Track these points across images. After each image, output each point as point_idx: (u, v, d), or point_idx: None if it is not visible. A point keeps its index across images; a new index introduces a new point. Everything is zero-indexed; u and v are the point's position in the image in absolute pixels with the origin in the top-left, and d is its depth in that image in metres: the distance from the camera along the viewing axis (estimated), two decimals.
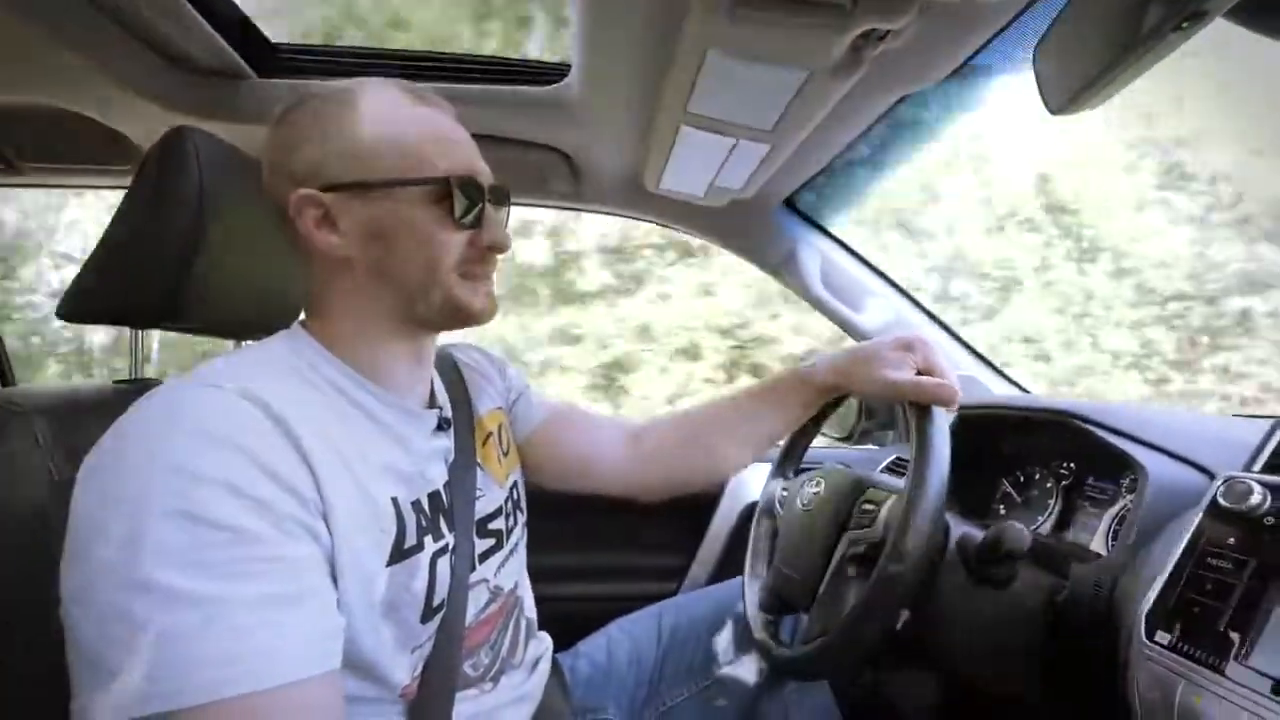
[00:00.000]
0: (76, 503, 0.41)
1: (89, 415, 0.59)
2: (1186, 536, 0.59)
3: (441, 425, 0.61)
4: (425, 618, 0.53)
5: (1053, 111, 0.54)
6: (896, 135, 0.95)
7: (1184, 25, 0.39)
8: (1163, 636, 0.54)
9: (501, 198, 0.59)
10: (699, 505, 1.34)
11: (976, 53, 0.68)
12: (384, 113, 0.53)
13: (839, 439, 1.33)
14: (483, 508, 0.64)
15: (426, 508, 0.55)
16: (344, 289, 0.55)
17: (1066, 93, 0.53)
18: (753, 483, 1.34)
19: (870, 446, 1.42)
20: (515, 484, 0.73)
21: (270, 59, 0.92)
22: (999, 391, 1.22)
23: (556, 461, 0.80)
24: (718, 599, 0.91)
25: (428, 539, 0.54)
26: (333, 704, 0.42)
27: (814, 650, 0.64)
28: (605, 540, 1.33)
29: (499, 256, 0.58)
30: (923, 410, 0.64)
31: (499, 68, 0.94)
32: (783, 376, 0.78)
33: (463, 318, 0.57)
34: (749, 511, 1.32)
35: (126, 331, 0.73)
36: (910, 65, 0.70)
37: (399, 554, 0.50)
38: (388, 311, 0.55)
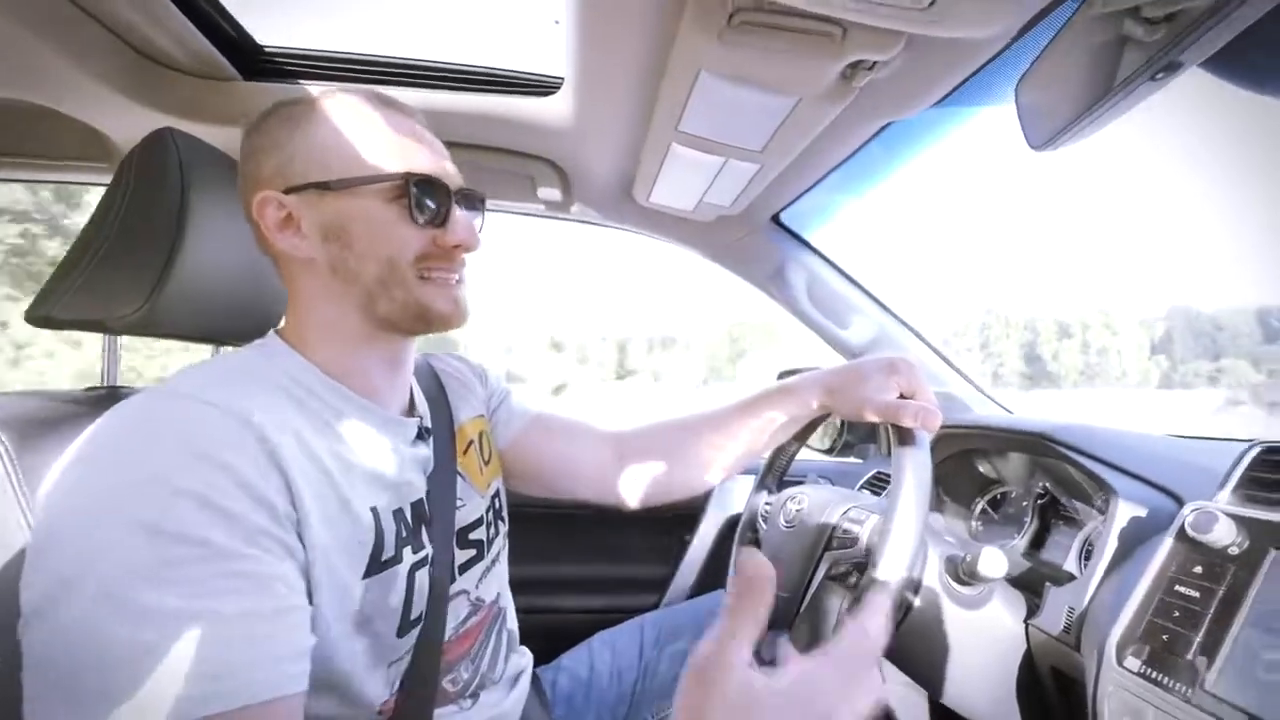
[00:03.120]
0: (42, 512, 0.40)
1: (59, 423, 0.57)
2: (1156, 563, 0.61)
3: (421, 434, 0.61)
4: (402, 631, 0.52)
5: (1034, 148, 0.55)
6: (883, 156, 0.97)
7: (1158, 76, 0.40)
8: (1132, 662, 0.56)
9: (472, 201, 0.59)
10: (681, 517, 1.35)
11: (961, 84, 0.69)
12: (344, 116, 0.54)
13: (821, 451, 1.35)
14: (463, 517, 0.63)
15: (409, 517, 0.55)
16: (311, 292, 0.55)
17: (1047, 130, 0.54)
18: (736, 495, 1.35)
19: (852, 459, 1.44)
20: (497, 493, 0.72)
21: (256, 62, 0.90)
22: (980, 408, 1.24)
23: (538, 468, 0.80)
24: (700, 611, 0.92)
25: (406, 550, 0.53)
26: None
27: None
28: (587, 552, 1.33)
29: (465, 258, 0.58)
30: (905, 432, 0.65)
31: (492, 77, 0.94)
32: (769, 393, 0.78)
33: (428, 320, 0.56)
34: (732, 524, 1.32)
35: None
36: (896, 94, 0.71)
37: (376, 565, 0.50)
38: (355, 314, 0.55)
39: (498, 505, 0.72)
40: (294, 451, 0.45)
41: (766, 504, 0.91)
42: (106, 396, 0.68)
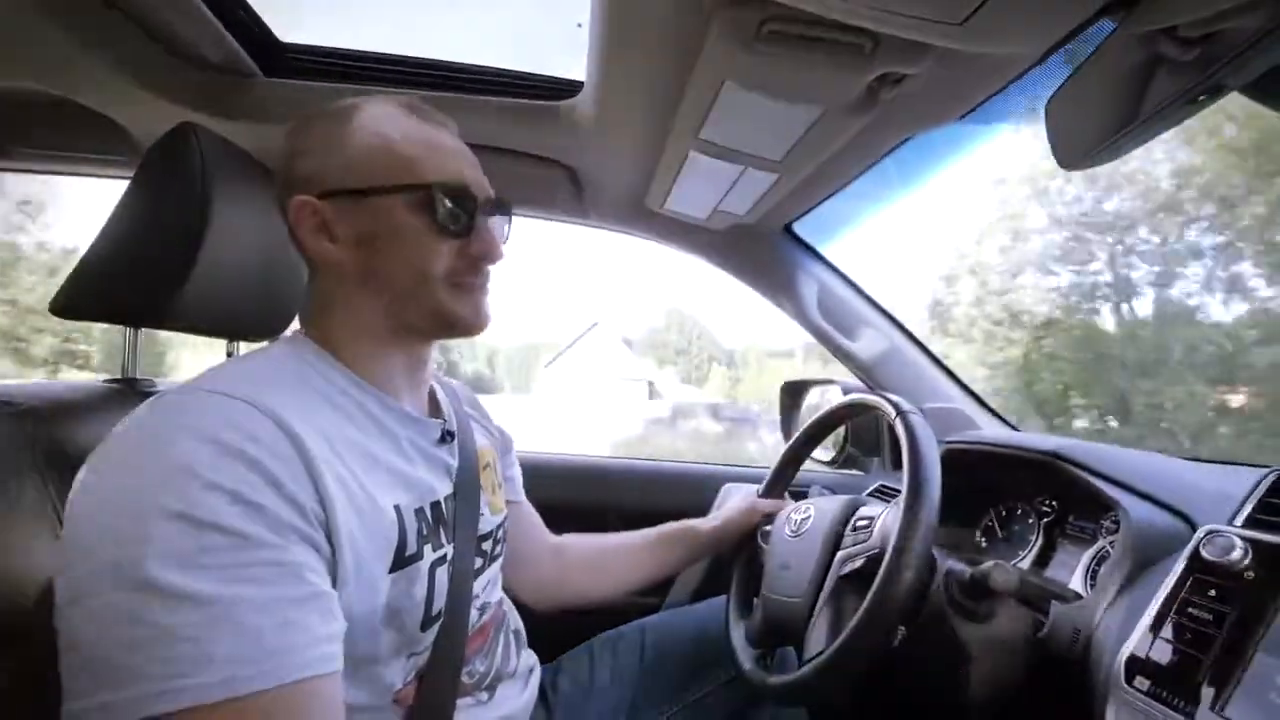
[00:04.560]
0: (76, 503, 0.41)
1: (79, 414, 0.58)
2: (1169, 585, 0.60)
3: (445, 438, 0.62)
4: (425, 625, 0.54)
5: (1064, 166, 0.55)
6: (901, 170, 0.97)
7: (1201, 98, 0.40)
8: (1141, 682, 0.56)
9: (498, 209, 0.61)
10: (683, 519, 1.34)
11: (988, 99, 0.69)
12: (378, 124, 0.55)
13: (824, 464, 1.34)
14: (481, 526, 0.64)
15: (429, 516, 0.56)
16: (341, 295, 0.56)
17: (1078, 149, 0.55)
18: (737, 498, 1.34)
19: (854, 472, 1.44)
20: (504, 521, 0.73)
21: (279, 59, 0.90)
22: (983, 424, 1.24)
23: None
24: (701, 618, 0.92)
25: (426, 548, 0.54)
26: (339, 702, 0.43)
27: (812, 670, 0.64)
28: None
29: (490, 268, 0.60)
30: (909, 428, 0.66)
31: (511, 80, 0.94)
32: (679, 527, 0.94)
33: (451, 326, 0.58)
34: None
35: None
36: (922, 108, 0.72)
37: (400, 561, 0.51)
38: (381, 318, 0.56)
39: (505, 531, 0.74)
40: (324, 450, 0.46)
41: (765, 524, 0.91)
42: (126, 388, 0.68)
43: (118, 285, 0.62)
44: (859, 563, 0.68)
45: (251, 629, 0.38)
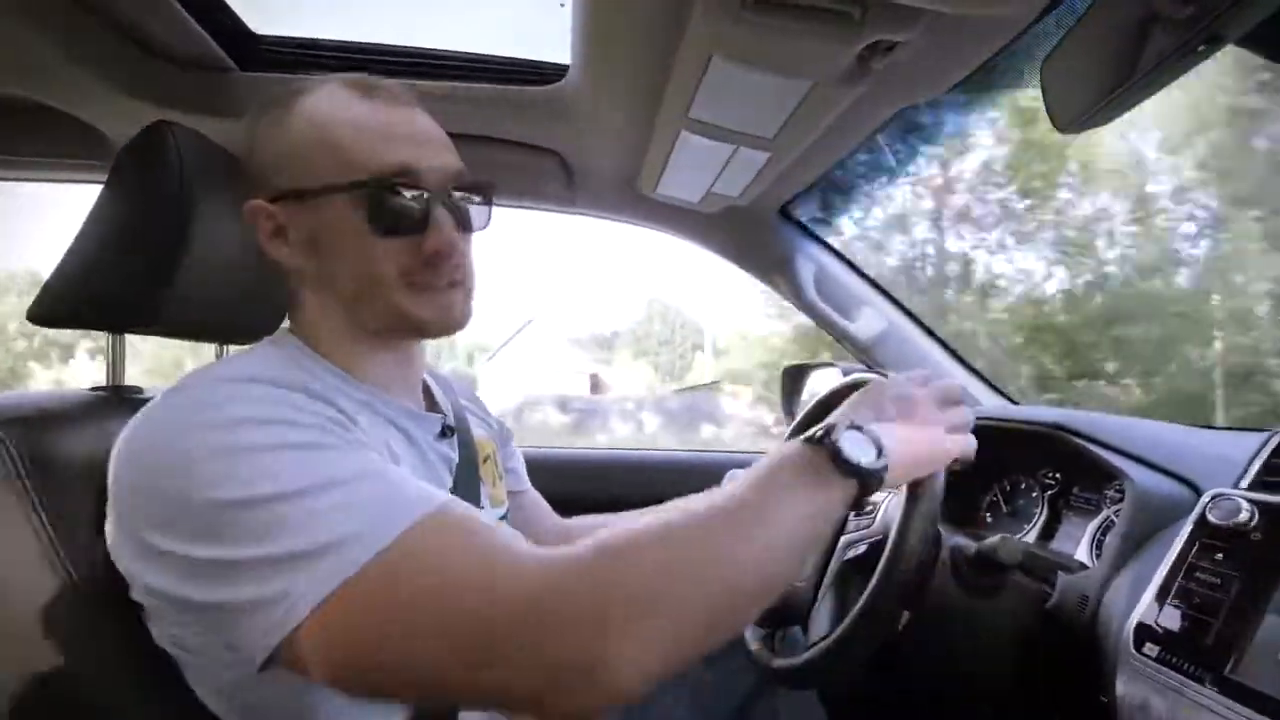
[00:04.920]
0: (125, 472, 0.43)
1: (64, 423, 0.56)
2: (1175, 550, 0.60)
3: (445, 432, 0.60)
4: None
5: (1061, 129, 0.54)
6: (895, 146, 0.96)
7: (1200, 49, 0.39)
8: (1151, 649, 0.55)
9: (472, 194, 0.55)
10: None
11: (982, 66, 0.68)
12: (320, 113, 0.51)
13: None
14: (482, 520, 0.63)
15: None
16: (305, 298, 0.55)
17: (1075, 110, 0.53)
18: None
19: None
20: (506, 513, 0.72)
21: (253, 52, 0.88)
22: (985, 399, 1.24)
23: None
24: None
25: None
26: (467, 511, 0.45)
27: (817, 655, 0.63)
28: None
29: (451, 264, 0.52)
30: None
31: (493, 66, 0.93)
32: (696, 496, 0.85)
33: (417, 329, 0.55)
34: None
35: None
36: (916, 77, 0.70)
37: None
38: (347, 321, 0.54)
39: (507, 519, 0.72)
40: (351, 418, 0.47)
41: None
42: (112, 396, 0.67)
43: (98, 290, 0.60)
44: (861, 549, 0.68)
45: (376, 477, 0.41)
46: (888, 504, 0.68)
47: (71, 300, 0.61)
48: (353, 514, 0.38)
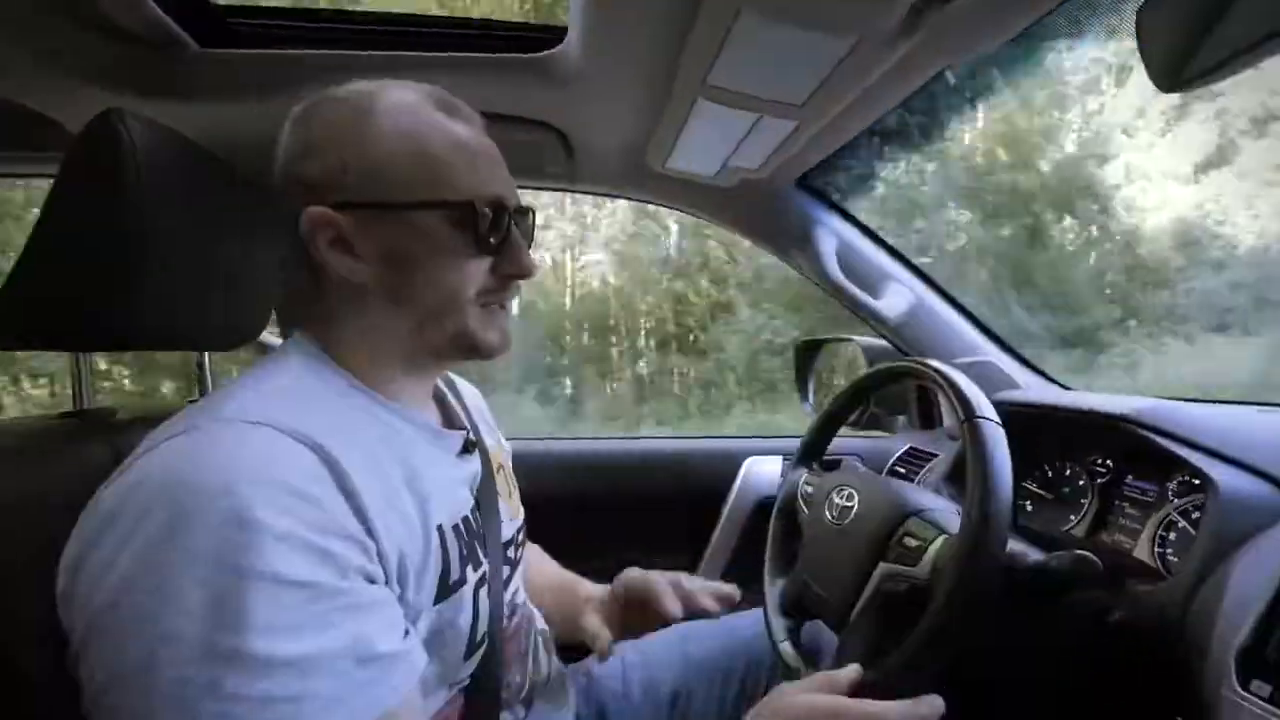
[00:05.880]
0: (98, 562, 0.37)
1: (27, 453, 0.51)
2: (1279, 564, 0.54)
3: (467, 448, 0.59)
4: (468, 654, 0.52)
5: (1162, 89, 0.45)
6: (928, 110, 0.86)
7: None
8: (1261, 687, 0.49)
9: (525, 217, 0.57)
10: (707, 499, 1.29)
11: (1043, 17, 0.58)
12: (405, 124, 0.49)
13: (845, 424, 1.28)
14: (503, 534, 0.63)
15: (464, 533, 0.54)
16: (358, 312, 0.52)
17: (1178, 66, 0.45)
18: (763, 475, 1.29)
19: (880, 434, 1.37)
20: (522, 525, 0.71)
21: (216, 27, 0.78)
22: (1019, 378, 1.16)
23: None
24: (741, 633, 0.86)
25: (469, 569, 0.52)
26: (419, 704, 0.45)
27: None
28: (610, 541, 1.27)
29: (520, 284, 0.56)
30: (979, 443, 0.57)
31: (483, 32, 0.82)
32: (568, 582, 0.85)
33: (473, 350, 0.54)
34: (762, 505, 1.27)
35: None
36: (965, 31, 0.61)
37: (445, 590, 0.49)
38: (403, 338, 0.53)
39: (523, 535, 0.72)
40: (367, 480, 0.43)
41: (807, 485, 0.83)
42: (78, 421, 0.61)
43: (55, 306, 0.54)
44: (901, 586, 0.62)
45: (341, 673, 0.37)
46: (936, 546, 0.61)
47: (26, 318, 0.55)
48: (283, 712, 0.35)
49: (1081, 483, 0.91)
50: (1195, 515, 0.72)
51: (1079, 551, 0.57)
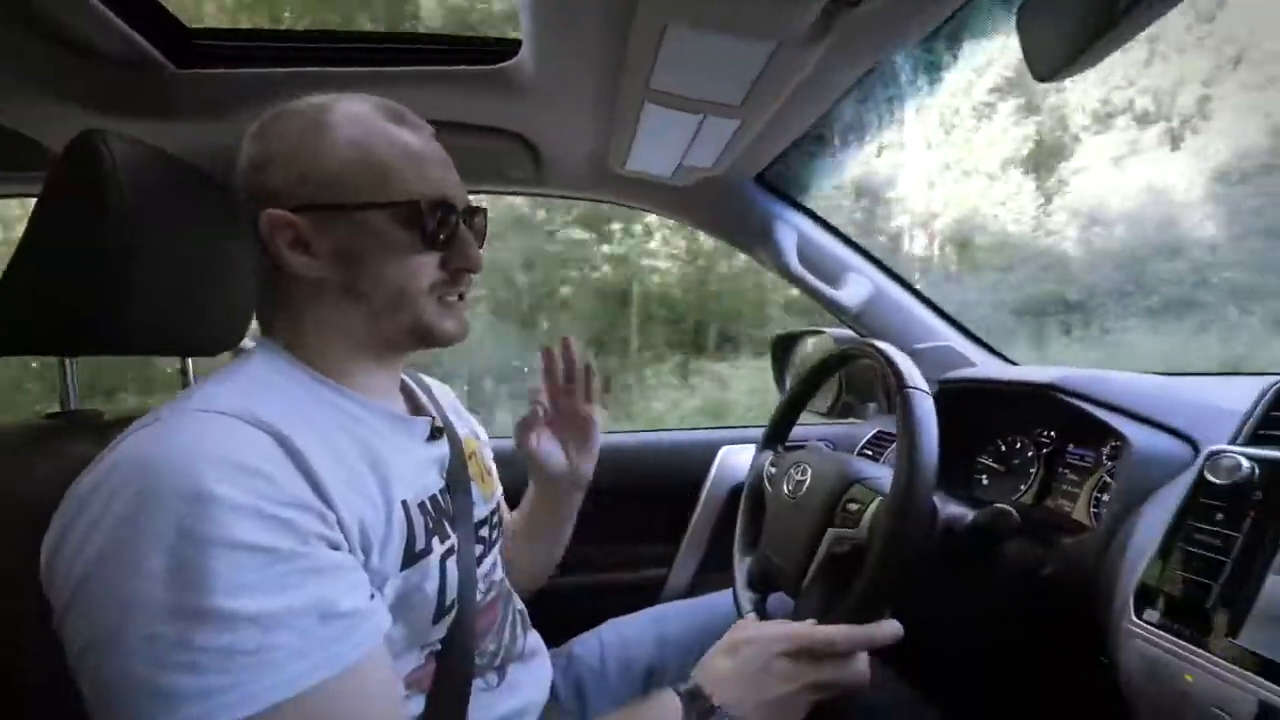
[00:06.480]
0: (75, 540, 0.40)
1: (14, 452, 0.54)
2: (1172, 511, 0.58)
3: (434, 434, 0.63)
4: (436, 618, 0.55)
5: (1040, 79, 0.50)
6: (871, 104, 0.91)
7: None
8: (1151, 614, 0.54)
9: (476, 217, 0.60)
10: (685, 490, 1.33)
11: (954, 15, 0.64)
12: (356, 133, 0.53)
13: (820, 414, 1.32)
14: (476, 514, 0.66)
15: (431, 509, 0.57)
16: (316, 308, 0.55)
17: (1053, 58, 0.50)
18: (738, 464, 1.33)
19: (853, 420, 1.42)
20: (499, 505, 0.75)
21: (188, 49, 0.83)
22: (977, 359, 1.21)
23: None
24: (716, 611, 0.90)
25: (435, 540, 0.55)
26: (389, 661, 0.47)
27: None
28: (593, 530, 1.31)
29: (471, 277, 0.60)
30: (907, 408, 0.62)
31: (442, 47, 0.87)
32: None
33: (431, 339, 0.58)
34: (734, 492, 1.31)
35: None
36: (883, 29, 0.66)
37: (410, 558, 0.52)
38: (360, 332, 0.56)
39: (499, 517, 0.74)
40: (325, 460, 0.46)
41: (772, 465, 0.88)
42: (64, 423, 0.64)
43: (44, 313, 0.57)
44: (845, 548, 0.67)
45: (304, 629, 0.40)
46: (873, 508, 0.66)
47: (16, 324, 0.58)
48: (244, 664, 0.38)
49: (1030, 454, 0.96)
50: None
51: (997, 505, 0.62)
